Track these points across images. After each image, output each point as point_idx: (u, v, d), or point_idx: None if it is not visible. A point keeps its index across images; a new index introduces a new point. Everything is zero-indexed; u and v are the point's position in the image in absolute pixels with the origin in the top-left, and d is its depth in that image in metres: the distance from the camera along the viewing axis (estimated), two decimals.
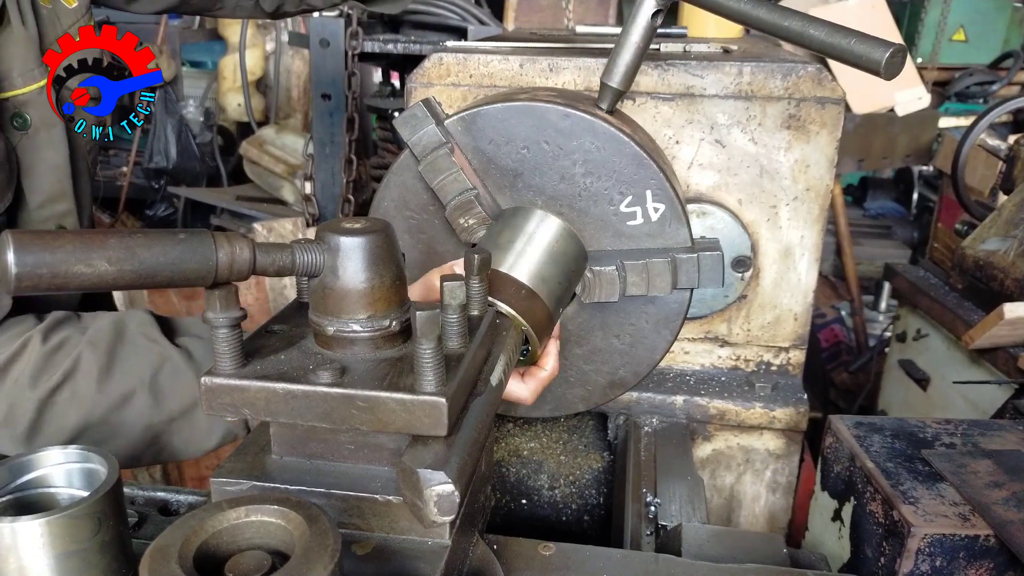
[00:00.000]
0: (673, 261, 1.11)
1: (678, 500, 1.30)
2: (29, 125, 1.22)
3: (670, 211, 1.14)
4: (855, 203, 6.13)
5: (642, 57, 1.20)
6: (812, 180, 1.49)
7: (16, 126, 1.22)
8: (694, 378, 1.64)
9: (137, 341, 1.20)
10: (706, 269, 1.12)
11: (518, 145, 1.15)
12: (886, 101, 4.14)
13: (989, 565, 1.02)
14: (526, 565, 0.99)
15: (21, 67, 1.18)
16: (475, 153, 1.16)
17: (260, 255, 0.75)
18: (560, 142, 1.14)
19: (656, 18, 1.18)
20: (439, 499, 0.70)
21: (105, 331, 1.18)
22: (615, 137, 1.13)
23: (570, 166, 1.15)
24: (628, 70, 1.21)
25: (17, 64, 1.18)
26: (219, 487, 0.81)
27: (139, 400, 1.17)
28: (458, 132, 1.15)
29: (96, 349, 1.16)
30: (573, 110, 1.13)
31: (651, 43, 1.21)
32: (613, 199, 1.15)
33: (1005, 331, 1.91)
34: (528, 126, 1.14)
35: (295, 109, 5.19)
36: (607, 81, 1.21)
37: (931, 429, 1.25)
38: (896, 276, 2.72)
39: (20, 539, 0.69)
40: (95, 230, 0.69)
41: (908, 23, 5.34)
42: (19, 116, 1.21)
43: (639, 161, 1.13)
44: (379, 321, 0.80)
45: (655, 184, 1.13)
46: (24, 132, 1.23)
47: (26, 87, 1.19)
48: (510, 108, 1.14)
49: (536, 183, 1.16)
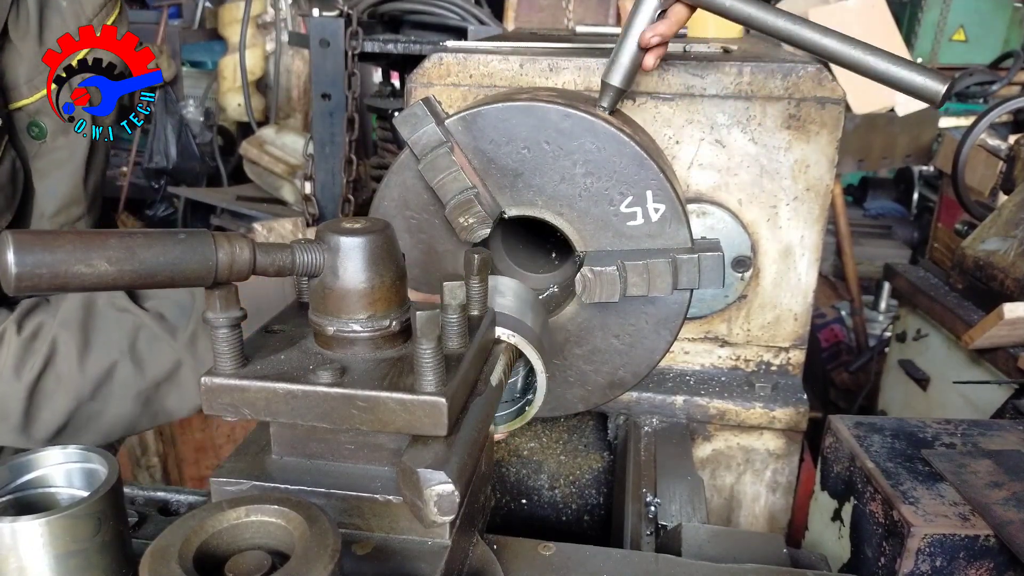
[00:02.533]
0: (674, 262, 1.11)
1: (678, 500, 1.30)
2: (46, 133, 1.23)
3: (671, 211, 1.14)
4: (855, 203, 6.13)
5: (643, 56, 1.20)
6: (812, 180, 1.49)
7: (33, 135, 1.22)
8: (694, 378, 1.64)
9: (108, 313, 1.20)
10: (707, 270, 1.12)
11: (518, 145, 1.15)
12: (886, 101, 4.13)
13: (989, 565, 1.02)
14: (526, 565, 0.99)
15: (28, 74, 1.18)
16: (476, 153, 1.16)
17: (260, 255, 0.75)
18: (561, 142, 1.14)
19: (658, 16, 1.18)
20: (439, 499, 0.70)
21: (75, 309, 1.18)
22: (616, 137, 1.13)
23: (570, 166, 1.15)
24: (629, 69, 1.21)
25: (24, 72, 1.18)
26: (219, 487, 0.81)
27: (122, 370, 1.18)
28: (458, 132, 1.15)
29: (70, 328, 1.16)
30: (574, 110, 1.13)
31: None
32: (613, 199, 1.15)
33: (1005, 331, 1.91)
34: (529, 126, 1.14)
35: (295, 109, 5.19)
36: (608, 80, 1.21)
37: (931, 429, 1.25)
38: (896, 276, 2.72)
39: (20, 539, 0.69)
40: (95, 230, 0.69)
41: (907, 23, 5.34)
42: (35, 125, 1.21)
43: (640, 161, 1.13)
44: (379, 321, 0.80)
45: (656, 184, 1.13)
46: (42, 141, 1.23)
47: (33, 96, 1.20)
48: (510, 108, 1.14)
49: (536, 183, 1.16)
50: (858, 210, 5.98)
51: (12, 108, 1.18)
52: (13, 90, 1.18)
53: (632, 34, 1.19)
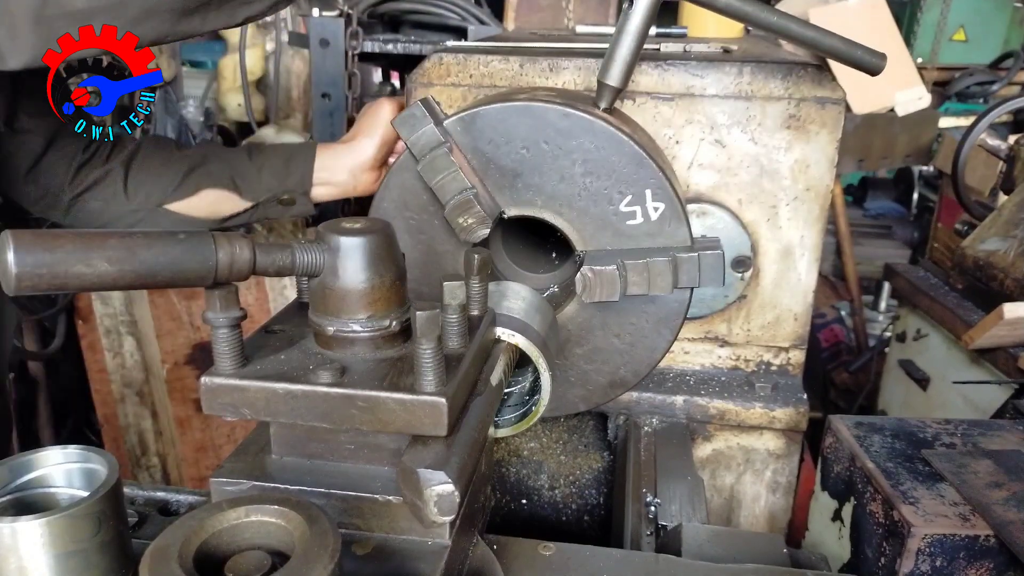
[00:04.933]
0: (674, 260, 1.11)
1: (678, 500, 1.30)
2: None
3: (670, 210, 1.14)
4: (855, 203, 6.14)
5: (639, 54, 1.20)
6: (812, 180, 1.49)
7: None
8: (694, 378, 1.64)
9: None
10: (707, 268, 1.12)
11: (517, 145, 1.15)
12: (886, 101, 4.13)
13: (989, 565, 1.02)
14: (526, 565, 0.99)
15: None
16: (474, 153, 1.16)
17: (260, 255, 0.75)
18: (559, 142, 1.14)
19: (652, 14, 1.18)
20: (439, 499, 0.70)
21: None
22: (614, 136, 1.13)
23: (569, 166, 1.14)
24: (625, 68, 1.20)
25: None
26: (219, 487, 0.81)
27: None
28: (457, 132, 1.15)
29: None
30: (572, 110, 1.13)
31: (647, 39, 1.21)
32: (613, 198, 1.15)
33: (1005, 331, 1.91)
34: (527, 126, 1.14)
35: (295, 109, 5.19)
36: (604, 80, 1.21)
37: (931, 429, 1.25)
38: (896, 276, 2.72)
39: (20, 539, 0.69)
40: (95, 230, 0.69)
41: (907, 23, 5.34)
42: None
43: (639, 160, 1.13)
44: (379, 321, 0.80)
45: (655, 183, 1.13)
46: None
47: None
48: (509, 108, 1.14)
49: (535, 183, 1.16)
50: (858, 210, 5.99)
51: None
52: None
53: (628, 32, 1.19)
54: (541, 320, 1.05)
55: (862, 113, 4.37)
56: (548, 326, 1.08)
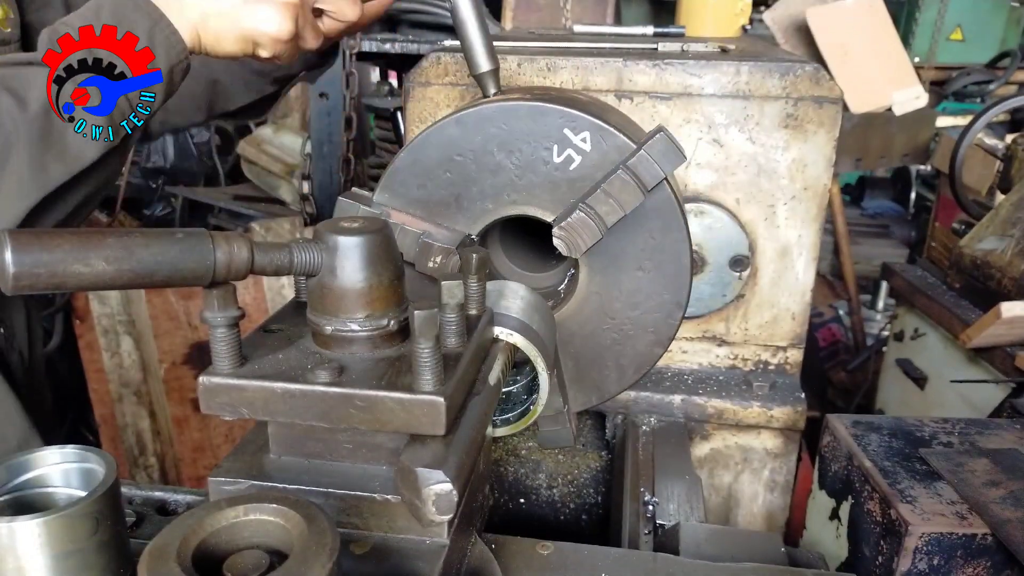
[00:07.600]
0: (627, 168, 1.07)
1: (676, 499, 1.30)
2: None
3: (596, 133, 1.12)
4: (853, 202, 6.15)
5: (488, 32, 1.22)
6: (810, 179, 1.49)
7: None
8: (692, 377, 1.64)
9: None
10: (661, 153, 1.06)
11: (439, 173, 1.16)
12: (883, 100, 4.14)
13: (986, 563, 1.03)
14: (524, 564, 0.99)
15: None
16: (413, 204, 1.18)
17: (258, 254, 0.75)
18: (468, 147, 1.14)
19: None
20: (437, 498, 0.70)
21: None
22: (504, 109, 1.13)
23: (491, 158, 1.15)
24: (486, 50, 1.21)
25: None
26: (217, 486, 0.81)
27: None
28: (385, 199, 1.17)
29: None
30: (460, 114, 1.14)
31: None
32: (543, 157, 1.14)
33: (1002, 330, 1.92)
34: (436, 155, 1.15)
35: (292, 108, 5.18)
36: (477, 72, 1.22)
37: (928, 428, 1.26)
38: (894, 275, 2.72)
39: (18, 539, 0.69)
40: (93, 229, 0.69)
41: (905, 23, 5.35)
42: None
43: (539, 112, 1.12)
44: (377, 320, 0.80)
45: (564, 120, 1.12)
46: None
47: None
48: (412, 150, 1.16)
49: (475, 193, 1.16)
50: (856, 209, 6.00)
51: None
52: None
53: (465, 22, 1.21)
54: (540, 319, 1.05)
55: (860, 112, 4.38)
56: (547, 325, 1.08)
